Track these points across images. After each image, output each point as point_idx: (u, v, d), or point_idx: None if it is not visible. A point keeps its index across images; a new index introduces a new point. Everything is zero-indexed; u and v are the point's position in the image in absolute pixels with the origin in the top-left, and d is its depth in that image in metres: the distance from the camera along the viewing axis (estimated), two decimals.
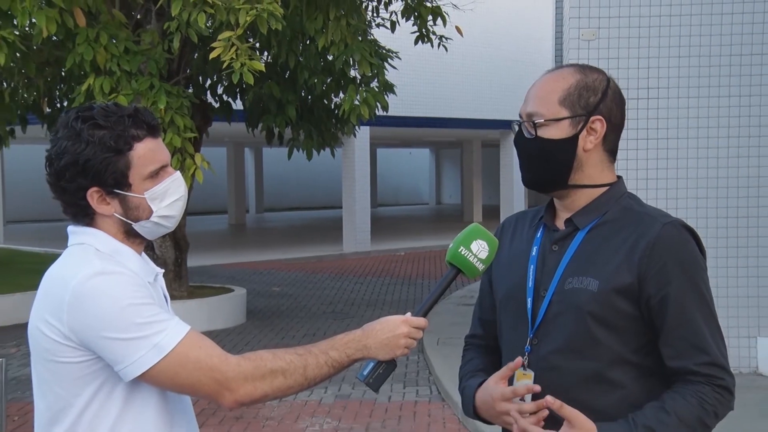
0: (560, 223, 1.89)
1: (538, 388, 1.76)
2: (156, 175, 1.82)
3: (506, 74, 20.79)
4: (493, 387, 1.84)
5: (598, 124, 1.83)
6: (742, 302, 6.94)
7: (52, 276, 1.78)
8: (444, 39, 9.76)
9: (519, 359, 1.81)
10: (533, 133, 1.83)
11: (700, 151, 7.01)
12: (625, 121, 1.91)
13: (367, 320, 1.92)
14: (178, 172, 1.89)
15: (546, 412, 1.74)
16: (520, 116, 1.88)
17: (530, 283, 1.86)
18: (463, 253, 1.83)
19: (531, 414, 1.76)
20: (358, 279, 13.94)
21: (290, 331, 9.47)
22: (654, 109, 6.99)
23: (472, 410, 1.92)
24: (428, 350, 8.00)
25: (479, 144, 26.16)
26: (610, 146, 1.87)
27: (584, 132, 1.82)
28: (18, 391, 6.92)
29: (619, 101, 1.87)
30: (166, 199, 1.83)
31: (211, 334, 1.63)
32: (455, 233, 1.96)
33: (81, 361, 1.73)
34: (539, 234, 1.91)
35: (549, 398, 1.72)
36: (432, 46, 9.84)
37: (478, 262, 1.84)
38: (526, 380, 1.82)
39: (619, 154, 1.93)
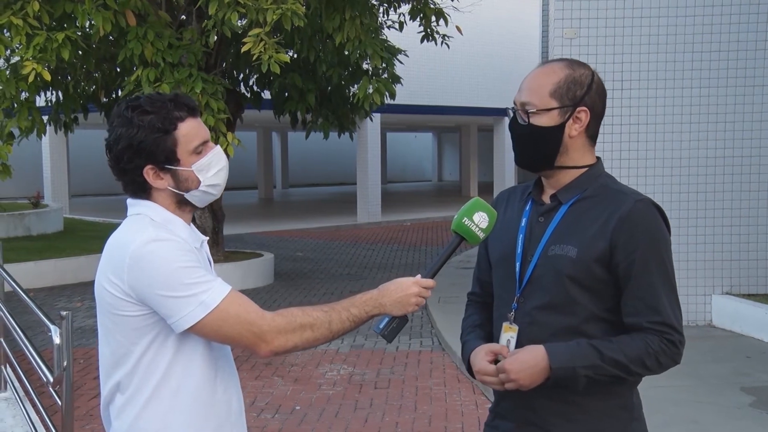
0: (546, 198, 1.89)
1: (506, 349, 1.80)
2: (200, 149, 1.81)
3: (499, 68, 20.66)
4: (480, 360, 1.84)
5: (583, 114, 1.81)
6: (700, 265, 6.95)
7: (114, 242, 1.79)
8: (446, 38, 9.69)
9: (504, 347, 1.82)
10: (526, 120, 1.82)
11: (666, 135, 7.01)
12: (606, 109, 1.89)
13: (379, 281, 1.93)
14: (219, 146, 1.88)
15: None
16: (515, 104, 1.86)
17: (519, 250, 1.87)
18: (466, 223, 1.82)
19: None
20: (370, 246, 13.94)
21: (312, 290, 9.50)
22: (627, 99, 6.97)
23: (467, 369, 1.93)
24: (431, 307, 8.00)
25: (476, 129, 26.04)
26: (592, 132, 1.86)
27: (570, 121, 1.81)
28: (83, 339, 6.98)
29: (602, 93, 1.86)
30: (211, 169, 1.83)
31: (244, 293, 1.65)
32: (455, 206, 1.95)
33: (139, 315, 1.74)
34: (528, 207, 1.91)
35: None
36: (436, 44, 9.77)
37: (480, 231, 1.83)
38: (511, 332, 1.83)
39: (598, 138, 1.92)
